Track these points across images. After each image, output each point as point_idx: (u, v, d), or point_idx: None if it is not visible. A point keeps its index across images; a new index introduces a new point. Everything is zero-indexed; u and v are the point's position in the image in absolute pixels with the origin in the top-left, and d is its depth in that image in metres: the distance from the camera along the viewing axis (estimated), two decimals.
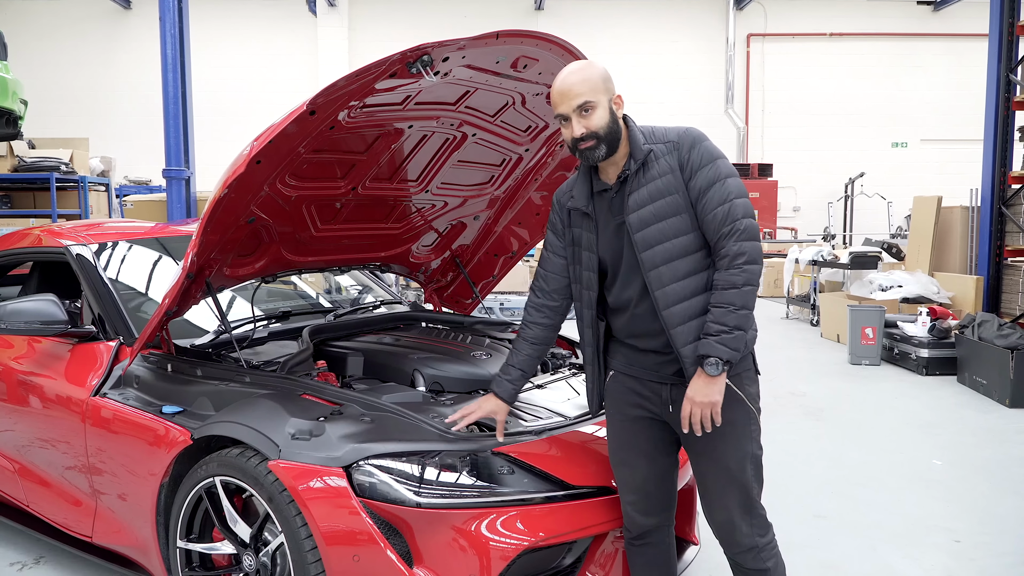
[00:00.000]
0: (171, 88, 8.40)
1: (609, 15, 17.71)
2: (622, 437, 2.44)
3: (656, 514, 2.45)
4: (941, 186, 12.66)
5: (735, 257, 2.15)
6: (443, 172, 3.38)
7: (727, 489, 2.31)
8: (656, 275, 2.23)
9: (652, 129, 2.30)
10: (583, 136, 2.21)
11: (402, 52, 2.33)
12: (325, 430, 2.37)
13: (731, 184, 2.20)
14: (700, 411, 2.18)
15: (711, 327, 2.16)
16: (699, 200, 2.20)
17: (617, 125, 2.23)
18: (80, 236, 3.58)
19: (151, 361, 2.98)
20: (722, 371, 2.16)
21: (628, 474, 2.43)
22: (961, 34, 17.52)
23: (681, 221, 2.21)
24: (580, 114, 2.20)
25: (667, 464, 2.45)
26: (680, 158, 2.22)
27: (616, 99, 2.25)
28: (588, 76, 2.22)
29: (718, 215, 2.17)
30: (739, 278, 2.15)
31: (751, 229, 2.17)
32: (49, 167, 8.73)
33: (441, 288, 4.26)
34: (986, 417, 6.02)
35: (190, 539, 2.64)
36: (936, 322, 7.62)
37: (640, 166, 2.24)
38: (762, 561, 2.34)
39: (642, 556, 2.48)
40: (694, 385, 2.20)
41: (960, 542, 3.70)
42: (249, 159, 2.39)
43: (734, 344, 2.15)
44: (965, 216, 9.60)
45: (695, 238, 2.22)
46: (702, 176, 2.20)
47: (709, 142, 2.26)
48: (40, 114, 13.51)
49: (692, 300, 2.22)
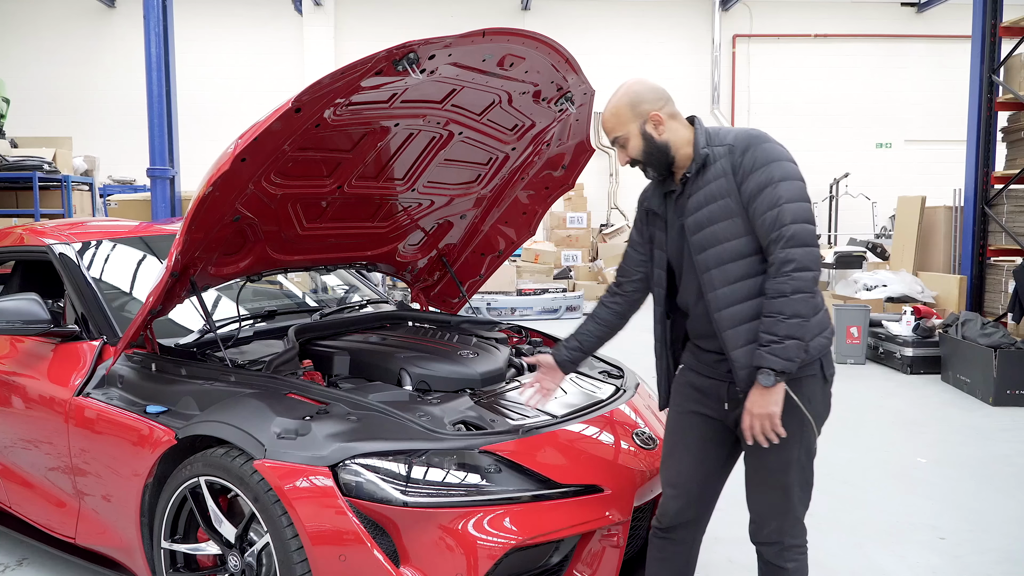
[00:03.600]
0: (155, 87, 8.36)
1: (595, 15, 17.73)
2: (675, 431, 2.49)
3: (691, 512, 2.45)
4: (925, 186, 12.71)
5: (783, 264, 2.12)
6: (429, 171, 3.37)
7: (763, 487, 2.33)
8: (708, 278, 2.24)
9: (718, 131, 2.31)
10: (629, 163, 2.36)
11: (388, 50, 2.32)
12: (311, 429, 2.36)
13: (783, 188, 2.15)
14: (759, 423, 2.17)
15: (762, 337, 2.14)
16: (750, 204, 2.19)
17: (656, 146, 2.29)
18: (63, 235, 3.55)
19: (135, 360, 2.95)
20: (776, 382, 2.13)
21: (673, 467, 2.46)
22: (944, 35, 17.63)
23: (734, 225, 2.21)
24: (619, 145, 2.33)
25: (714, 467, 2.45)
26: (734, 161, 2.22)
27: (653, 117, 2.28)
28: (616, 110, 2.31)
29: (766, 220, 2.15)
30: (787, 286, 2.11)
31: (801, 234, 2.12)
32: (32, 166, 8.65)
33: (428, 287, 4.25)
34: (970, 415, 6.07)
35: (175, 540, 2.62)
36: (920, 321, 7.67)
37: (699, 169, 2.26)
38: (784, 560, 2.35)
39: (663, 551, 2.50)
40: (751, 396, 2.19)
41: (945, 539, 3.73)
42: (234, 157, 2.37)
43: (786, 354, 2.11)
44: (949, 216, 9.67)
45: (748, 242, 2.21)
46: (753, 180, 2.18)
47: (770, 144, 2.23)
48: (23, 113, 13.41)
49: (744, 304, 2.21)
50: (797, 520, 2.36)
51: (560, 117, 3.27)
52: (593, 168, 17.14)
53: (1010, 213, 7.91)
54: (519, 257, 12.88)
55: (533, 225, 3.99)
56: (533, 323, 9.04)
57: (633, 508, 2.56)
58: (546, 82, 2.99)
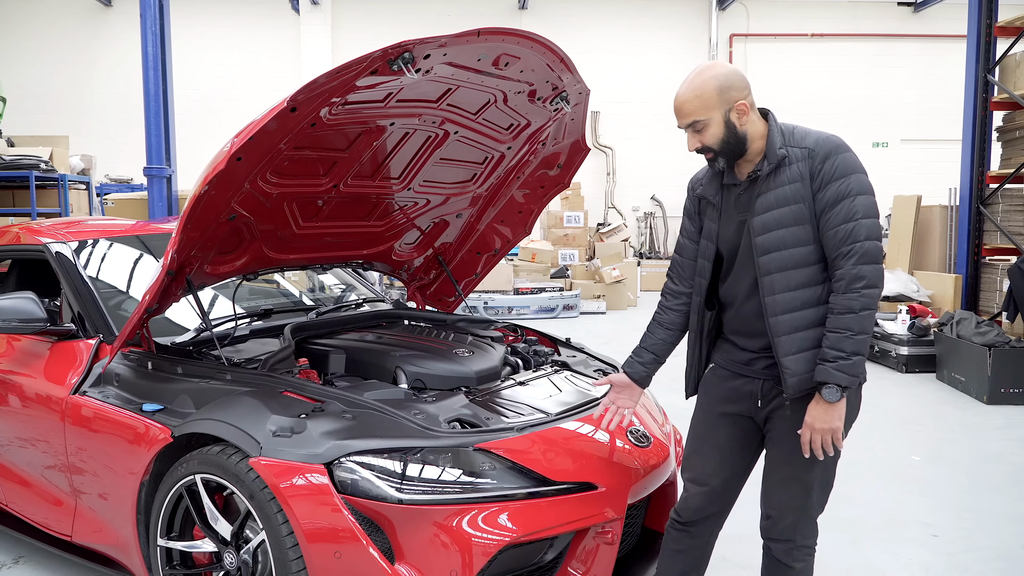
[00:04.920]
0: (152, 86, 8.36)
1: (593, 15, 17.74)
2: (703, 428, 2.47)
3: (713, 508, 2.46)
4: (921, 185, 12.73)
5: (853, 280, 2.10)
6: (425, 170, 3.38)
7: (786, 483, 2.32)
8: (769, 281, 2.20)
9: (793, 130, 2.24)
10: (698, 150, 2.25)
11: (383, 49, 2.33)
12: (307, 427, 2.37)
13: (860, 202, 2.13)
14: (820, 437, 2.17)
15: (828, 353, 2.12)
16: (824, 214, 2.15)
17: (736, 136, 2.20)
18: (59, 234, 3.56)
19: (131, 359, 2.96)
20: (841, 397, 2.13)
21: (699, 464, 2.46)
22: (940, 35, 17.67)
23: (803, 231, 2.17)
24: (693, 130, 2.22)
25: (740, 466, 2.45)
26: (812, 167, 2.16)
27: (740, 106, 2.18)
28: (701, 92, 2.19)
29: (839, 233, 2.12)
30: (857, 303, 2.10)
31: (872, 251, 2.11)
32: (28, 165, 8.64)
33: (424, 286, 4.26)
34: (964, 413, 6.09)
35: (171, 537, 2.63)
36: (916, 320, 7.69)
37: (773, 169, 2.20)
38: (792, 559, 2.35)
39: (679, 543, 2.50)
40: (812, 412, 2.17)
41: (938, 536, 3.75)
42: (229, 156, 2.38)
43: (852, 370, 2.11)
44: (944, 215, 9.69)
45: (814, 251, 2.18)
46: (831, 190, 2.14)
47: (849, 154, 2.18)
48: (19, 112, 13.40)
49: (802, 312, 2.19)
50: (811, 520, 2.35)
51: (555, 116, 3.28)
52: (590, 167, 17.15)
53: (1005, 212, 7.93)
54: (516, 256, 12.88)
55: (529, 224, 4.00)
56: (530, 322, 9.06)
57: (627, 505, 2.57)
58: (541, 81, 3.00)
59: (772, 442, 2.35)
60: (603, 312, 11.91)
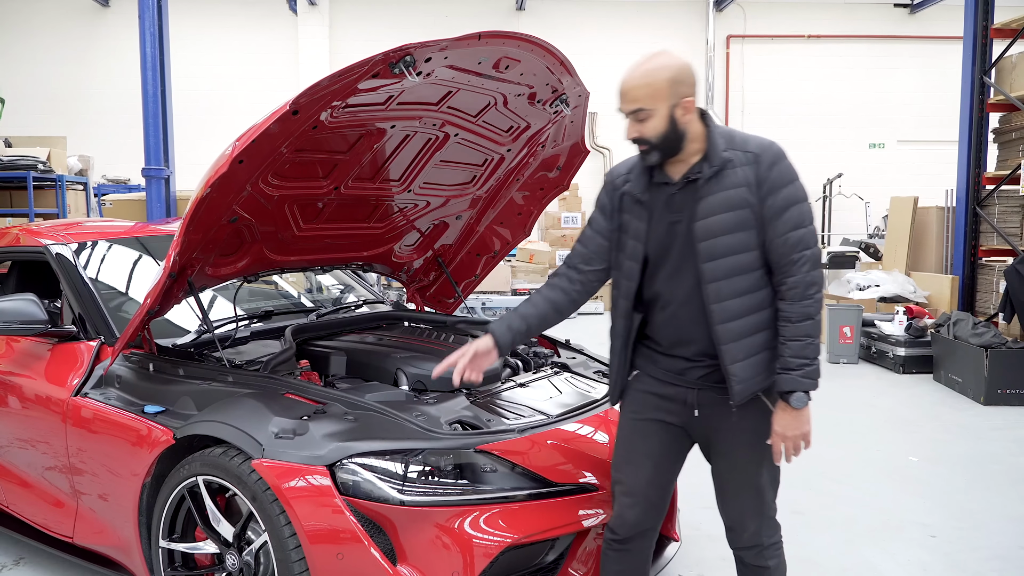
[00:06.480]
0: (150, 86, 8.34)
1: (590, 16, 17.75)
2: (633, 437, 2.39)
3: (650, 521, 2.40)
4: (918, 187, 12.74)
5: (808, 287, 2.11)
6: (425, 172, 3.39)
7: (742, 492, 2.33)
8: (715, 288, 2.16)
9: (732, 134, 2.20)
10: (634, 140, 2.18)
11: (385, 52, 2.34)
12: (309, 429, 2.38)
13: (806, 209, 2.14)
14: (792, 443, 2.19)
15: (792, 362, 2.12)
16: (772, 220, 2.12)
17: (676, 133, 2.14)
18: (60, 235, 3.56)
19: (133, 361, 2.96)
20: (807, 403, 2.16)
21: (632, 475, 2.37)
22: (937, 36, 17.69)
23: (748, 237, 2.14)
24: (635, 118, 2.15)
25: (671, 473, 2.43)
26: (759, 173, 2.13)
27: (686, 103, 2.12)
28: (651, 80, 2.10)
29: (790, 239, 2.11)
30: (813, 308, 2.12)
31: (819, 257, 2.14)
32: (26, 166, 8.62)
33: (423, 287, 4.27)
34: (961, 414, 6.11)
35: (173, 539, 2.64)
36: (912, 321, 7.72)
37: (715, 172, 2.15)
38: (764, 559, 2.37)
39: (620, 563, 2.41)
40: (781, 420, 2.18)
41: (936, 537, 3.76)
42: (232, 159, 2.39)
43: (815, 375, 2.14)
44: (941, 216, 9.72)
45: (758, 256, 2.16)
46: (780, 196, 2.12)
47: (788, 161, 2.17)
48: (17, 112, 13.36)
49: (748, 318, 2.17)
50: (771, 518, 2.37)
51: (555, 119, 3.30)
52: (588, 168, 17.04)
53: (1001, 214, 7.96)
54: (514, 257, 12.89)
55: (528, 226, 4.01)
56: None
57: None
58: (541, 84, 3.01)
59: (719, 454, 2.32)
60: (600, 313, 11.92)
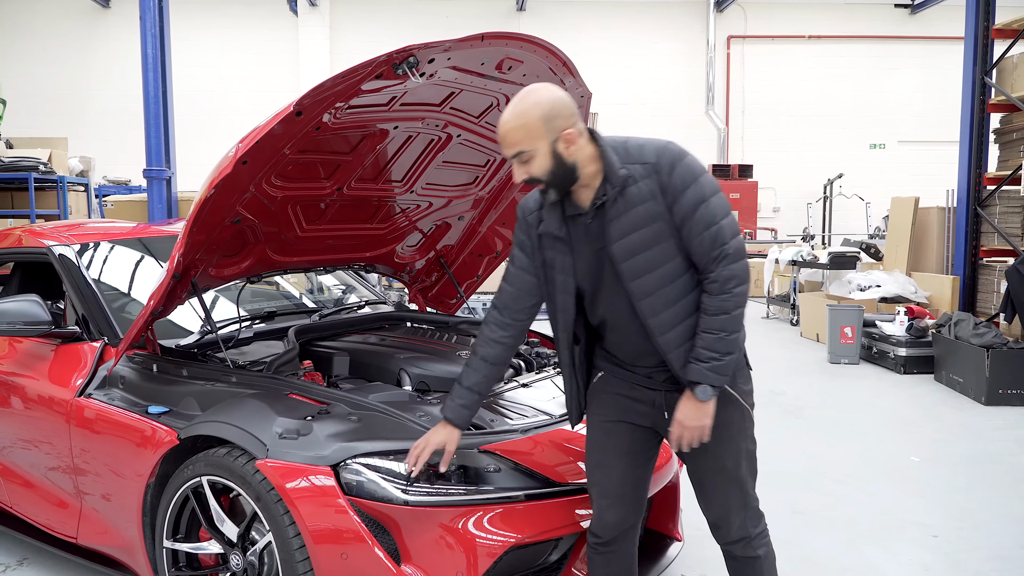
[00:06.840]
0: (151, 87, 8.36)
1: (591, 16, 17.77)
2: (603, 438, 2.37)
3: (630, 519, 2.39)
4: (918, 187, 12.77)
5: (726, 282, 2.08)
6: (428, 173, 3.40)
7: (724, 487, 2.32)
8: (648, 304, 2.14)
9: (626, 146, 2.14)
10: (526, 181, 2.13)
11: (388, 54, 2.34)
12: (312, 429, 2.38)
13: (715, 204, 2.09)
14: (689, 434, 2.17)
15: (701, 353, 2.11)
16: (684, 224, 2.09)
17: (564, 167, 2.08)
18: (62, 236, 3.57)
19: (136, 361, 2.97)
20: (713, 396, 2.14)
21: (605, 476, 2.36)
22: (938, 37, 17.71)
23: (668, 247, 2.12)
24: (518, 161, 2.11)
25: (646, 469, 2.42)
26: (661, 182, 2.09)
27: (567, 135, 2.06)
28: (525, 122, 2.05)
29: (705, 240, 2.08)
30: (730, 303, 2.09)
31: (739, 250, 2.10)
32: (27, 167, 8.64)
33: (426, 288, 4.27)
34: (962, 414, 6.12)
35: (177, 539, 2.64)
36: (913, 321, 7.72)
37: (619, 192, 2.11)
38: (753, 550, 2.37)
39: (606, 567, 2.40)
40: (684, 409, 2.17)
41: (937, 537, 3.77)
42: (235, 160, 2.39)
43: (725, 370, 2.12)
44: (942, 216, 9.72)
45: (682, 261, 2.14)
46: (686, 199, 2.08)
47: (689, 158, 2.13)
48: (18, 114, 13.38)
49: (686, 322, 2.15)
50: (754, 508, 2.38)
51: None
52: None
53: (1002, 214, 7.96)
54: None
55: None
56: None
57: None
58: None
59: (693, 454, 2.29)
60: None
